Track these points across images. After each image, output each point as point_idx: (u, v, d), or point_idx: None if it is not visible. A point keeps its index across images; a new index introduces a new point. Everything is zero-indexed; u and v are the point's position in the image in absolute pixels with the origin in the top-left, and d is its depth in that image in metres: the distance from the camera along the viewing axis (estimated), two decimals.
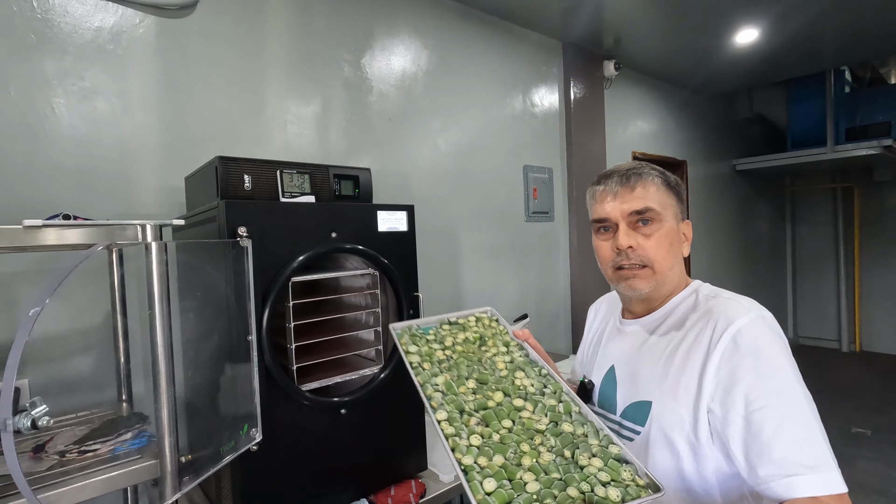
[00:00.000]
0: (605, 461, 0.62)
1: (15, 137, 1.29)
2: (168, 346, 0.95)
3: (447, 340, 0.87)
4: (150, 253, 0.93)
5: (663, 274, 0.87)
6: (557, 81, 2.89)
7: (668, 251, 0.87)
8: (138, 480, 0.97)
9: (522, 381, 0.79)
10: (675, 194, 0.90)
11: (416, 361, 0.81)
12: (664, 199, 0.88)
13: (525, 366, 0.84)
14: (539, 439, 0.65)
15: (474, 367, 0.81)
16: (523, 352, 0.88)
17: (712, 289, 0.90)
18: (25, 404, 0.88)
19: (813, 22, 2.84)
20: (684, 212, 0.92)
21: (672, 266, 0.88)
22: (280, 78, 1.79)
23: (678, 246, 0.90)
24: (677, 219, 0.90)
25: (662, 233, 0.87)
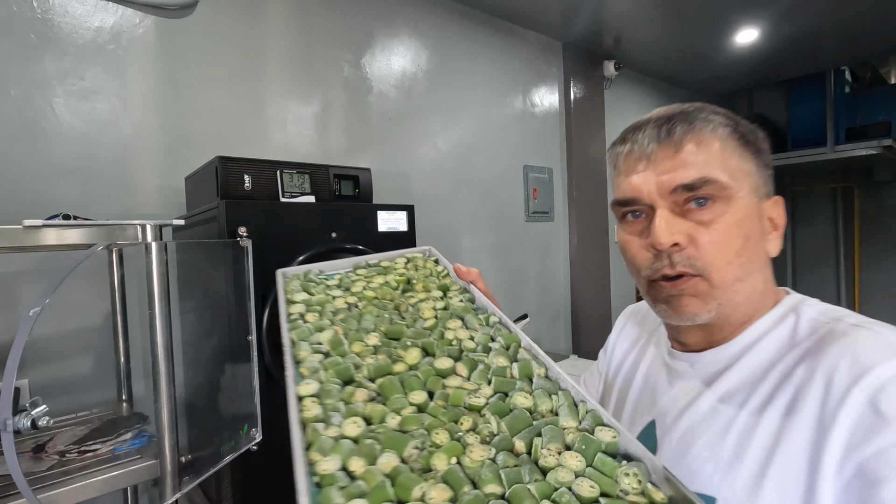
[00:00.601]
0: (590, 457, 0.35)
1: (15, 137, 1.29)
2: (168, 346, 0.95)
3: (356, 286, 0.63)
4: (150, 253, 0.93)
5: (729, 288, 0.53)
6: (557, 81, 2.89)
7: (740, 251, 0.52)
8: (138, 480, 0.97)
9: (457, 332, 0.51)
10: (754, 154, 0.55)
11: (299, 312, 0.56)
12: (735, 163, 0.53)
13: (466, 312, 0.55)
14: (469, 423, 0.39)
15: (386, 317, 0.56)
16: (467, 295, 0.61)
17: (824, 309, 0.54)
18: (25, 404, 0.88)
19: (813, 22, 2.84)
20: (770, 184, 0.57)
21: (747, 274, 0.53)
22: (280, 78, 1.79)
23: (760, 241, 0.54)
24: (758, 195, 0.54)
25: (732, 220, 0.52)
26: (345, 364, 0.46)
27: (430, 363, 0.47)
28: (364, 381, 0.44)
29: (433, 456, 0.35)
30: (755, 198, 0.54)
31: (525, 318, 2.28)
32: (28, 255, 1.26)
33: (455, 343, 0.50)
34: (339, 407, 0.40)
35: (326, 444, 0.36)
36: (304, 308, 0.58)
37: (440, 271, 0.67)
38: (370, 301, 0.60)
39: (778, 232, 0.57)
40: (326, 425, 0.38)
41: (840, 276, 5.53)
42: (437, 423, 0.39)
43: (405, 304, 0.59)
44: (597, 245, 3.05)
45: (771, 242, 0.56)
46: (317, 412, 0.39)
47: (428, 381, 0.44)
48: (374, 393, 0.43)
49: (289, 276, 0.66)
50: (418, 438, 0.37)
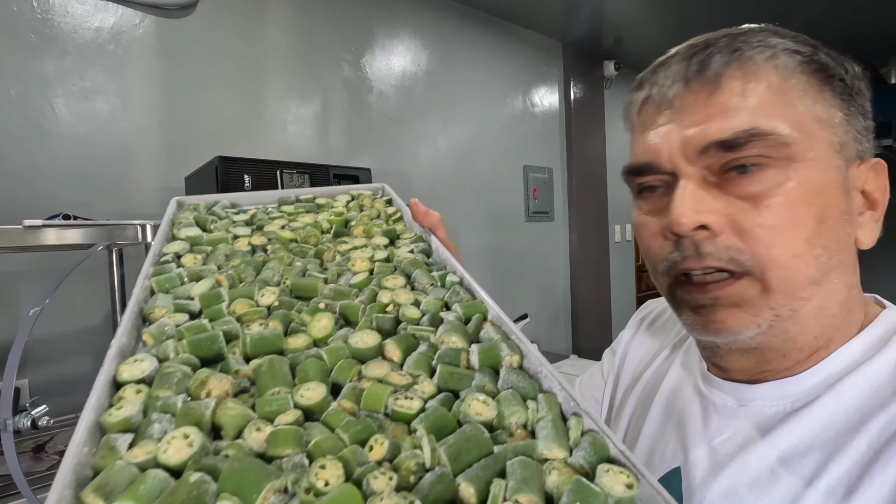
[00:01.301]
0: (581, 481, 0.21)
1: (15, 137, 1.29)
2: None
3: (273, 224, 0.47)
4: None
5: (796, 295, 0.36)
6: (557, 81, 2.89)
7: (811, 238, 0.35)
8: None
9: (396, 294, 0.36)
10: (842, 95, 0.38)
11: (175, 252, 0.40)
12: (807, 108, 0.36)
13: (415, 267, 0.40)
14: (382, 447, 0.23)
15: (299, 266, 0.40)
16: (422, 245, 0.46)
17: None
18: (25, 404, 0.88)
19: (813, 22, 2.84)
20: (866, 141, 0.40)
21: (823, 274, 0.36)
22: (280, 78, 1.79)
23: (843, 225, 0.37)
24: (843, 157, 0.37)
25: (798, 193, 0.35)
26: (213, 333, 0.29)
27: (345, 338, 0.31)
28: (234, 362, 0.28)
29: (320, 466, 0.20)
30: (839, 160, 0.36)
31: (525, 318, 2.28)
32: (28, 255, 1.26)
33: (391, 310, 0.34)
34: (175, 405, 0.24)
35: (118, 478, 0.20)
36: (186, 247, 0.41)
37: (391, 213, 0.51)
38: (285, 245, 0.43)
39: (876, 212, 0.38)
40: (139, 438, 0.22)
41: None
42: (329, 443, 0.23)
43: (332, 252, 0.42)
44: (597, 245, 3.06)
45: (863, 227, 0.37)
46: (129, 412, 0.23)
47: (336, 367, 0.28)
48: (247, 382, 0.27)
49: (184, 205, 0.48)
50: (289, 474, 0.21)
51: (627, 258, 3.41)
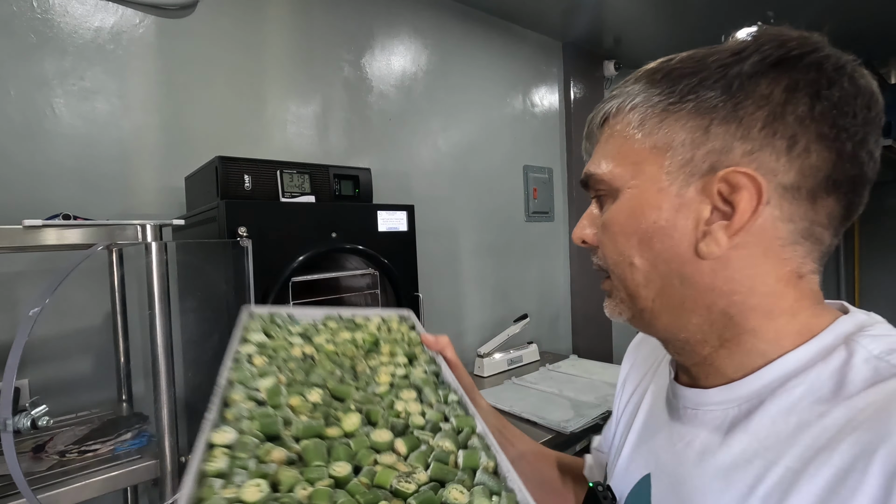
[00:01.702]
0: None
1: (15, 137, 1.29)
2: (168, 346, 0.95)
3: (320, 337, 0.59)
4: (150, 253, 0.93)
5: (639, 296, 0.43)
6: (557, 81, 2.89)
7: (637, 255, 0.42)
8: (138, 480, 0.97)
9: (409, 404, 0.47)
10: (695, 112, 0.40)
11: (248, 353, 0.53)
12: (649, 138, 0.42)
13: (425, 385, 0.51)
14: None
15: (339, 374, 0.51)
16: (432, 367, 0.56)
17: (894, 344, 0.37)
18: (25, 404, 0.88)
19: (813, 22, 2.84)
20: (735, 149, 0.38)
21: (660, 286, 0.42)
22: (280, 78, 1.79)
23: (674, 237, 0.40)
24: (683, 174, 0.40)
25: (619, 217, 0.43)
26: (273, 417, 0.40)
27: (368, 433, 0.41)
28: (288, 440, 0.39)
29: None
30: (667, 182, 0.40)
31: (525, 318, 2.28)
32: (28, 255, 1.26)
33: (403, 416, 0.45)
34: (250, 465, 0.35)
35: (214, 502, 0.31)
36: (255, 350, 0.54)
37: (413, 338, 0.62)
38: (328, 355, 0.55)
39: (731, 222, 0.38)
40: (227, 483, 0.33)
41: (840, 276, 5.53)
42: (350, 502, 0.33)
43: (363, 365, 0.53)
44: None
45: (707, 237, 0.39)
46: (221, 466, 0.34)
47: (359, 453, 0.38)
48: (296, 456, 0.37)
49: (253, 315, 0.64)
50: None
51: None
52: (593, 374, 2.02)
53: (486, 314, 2.46)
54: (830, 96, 0.37)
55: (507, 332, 2.23)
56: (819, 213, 0.39)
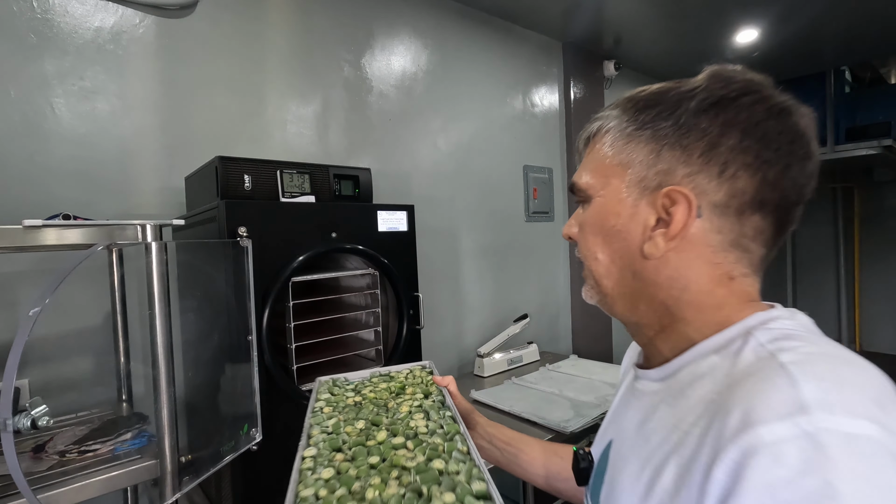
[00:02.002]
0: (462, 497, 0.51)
1: (15, 137, 1.29)
2: (168, 346, 0.95)
3: (366, 390, 0.86)
4: (150, 253, 0.93)
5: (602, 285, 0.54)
6: (557, 81, 2.89)
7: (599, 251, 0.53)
8: (138, 480, 0.97)
9: (418, 421, 0.71)
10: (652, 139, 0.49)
11: (321, 406, 0.80)
12: (617, 157, 0.51)
13: (432, 409, 0.74)
14: (395, 474, 0.57)
15: (376, 410, 0.77)
16: (440, 398, 0.80)
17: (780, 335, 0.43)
18: (25, 404, 0.88)
19: (813, 22, 2.84)
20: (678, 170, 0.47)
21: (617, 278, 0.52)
22: (280, 78, 1.79)
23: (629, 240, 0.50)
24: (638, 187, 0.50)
25: (590, 220, 0.54)
26: (337, 439, 0.67)
27: (391, 440, 0.66)
28: (345, 449, 0.64)
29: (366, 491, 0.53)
30: (626, 193, 0.50)
31: (525, 318, 2.28)
32: (28, 255, 1.26)
33: (412, 429, 0.69)
34: (324, 462, 0.60)
35: (308, 481, 0.56)
36: (325, 404, 0.81)
37: (429, 380, 0.88)
38: (370, 400, 0.82)
39: (665, 229, 0.47)
40: (313, 471, 0.58)
41: (840, 276, 5.53)
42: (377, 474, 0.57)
43: (393, 403, 0.80)
44: None
45: (650, 241, 0.48)
46: (309, 465, 0.60)
47: (384, 451, 0.63)
48: (350, 456, 0.62)
49: (323, 382, 0.91)
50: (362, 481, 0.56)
51: None
52: (593, 374, 2.02)
53: (486, 314, 2.46)
54: (756, 133, 0.45)
55: (507, 332, 2.23)
56: (746, 227, 0.47)
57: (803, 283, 5.86)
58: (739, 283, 0.48)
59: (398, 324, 1.37)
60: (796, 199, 0.47)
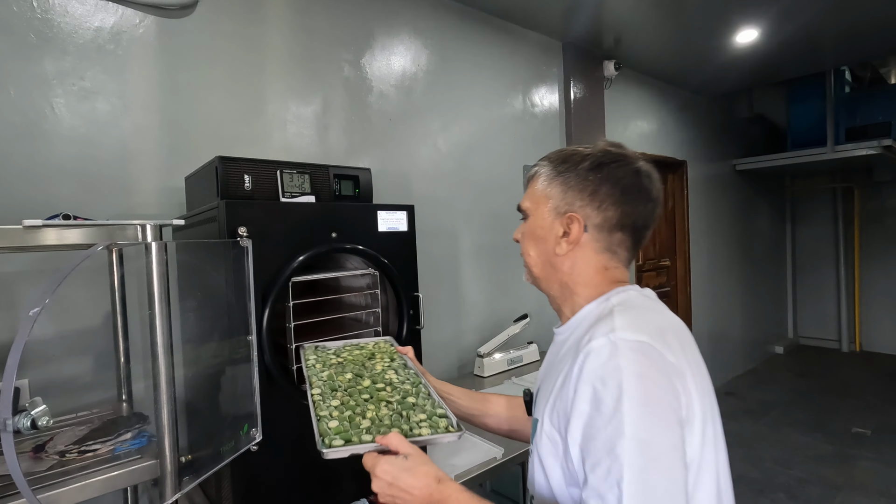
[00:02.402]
0: (430, 417, 0.80)
1: (15, 137, 1.29)
2: (168, 346, 0.95)
3: (343, 353, 1.08)
4: (150, 253, 0.93)
5: (534, 273, 0.83)
6: (557, 81, 2.89)
7: (531, 250, 0.82)
8: (138, 480, 0.98)
9: (391, 375, 0.96)
10: (561, 185, 0.77)
11: (312, 363, 1.02)
12: (544, 191, 0.79)
13: (399, 368, 1.01)
14: (383, 405, 0.83)
15: (358, 368, 0.99)
16: (403, 361, 1.05)
17: (622, 301, 0.72)
18: (25, 404, 0.88)
19: (813, 22, 2.84)
20: (575, 204, 0.76)
21: (542, 267, 0.81)
22: (280, 78, 1.79)
23: (548, 243, 0.78)
24: (555, 212, 0.78)
25: (527, 230, 0.83)
26: (334, 383, 0.91)
27: (374, 385, 0.92)
28: (341, 390, 0.89)
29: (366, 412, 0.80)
30: (549, 215, 0.79)
31: (525, 318, 2.27)
32: (28, 255, 1.26)
33: (388, 379, 0.95)
34: (328, 397, 0.86)
35: (322, 407, 0.82)
36: (315, 361, 1.03)
37: (391, 350, 1.11)
38: (350, 361, 1.04)
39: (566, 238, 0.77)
40: (324, 402, 0.84)
41: (840, 276, 5.53)
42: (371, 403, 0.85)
43: (368, 364, 1.03)
44: None
45: (558, 246, 0.78)
46: (318, 398, 0.85)
47: (371, 391, 0.89)
48: (347, 395, 0.87)
49: (307, 347, 1.11)
50: (361, 407, 0.82)
51: None
52: None
53: (486, 314, 2.46)
54: (620, 185, 0.75)
55: (507, 332, 2.23)
56: (614, 239, 0.77)
57: (803, 283, 5.86)
58: (611, 272, 0.78)
59: (398, 324, 1.37)
60: (644, 225, 0.77)
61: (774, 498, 2.67)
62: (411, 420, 0.78)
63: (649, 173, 0.77)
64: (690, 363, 0.66)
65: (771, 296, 5.43)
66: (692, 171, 4.07)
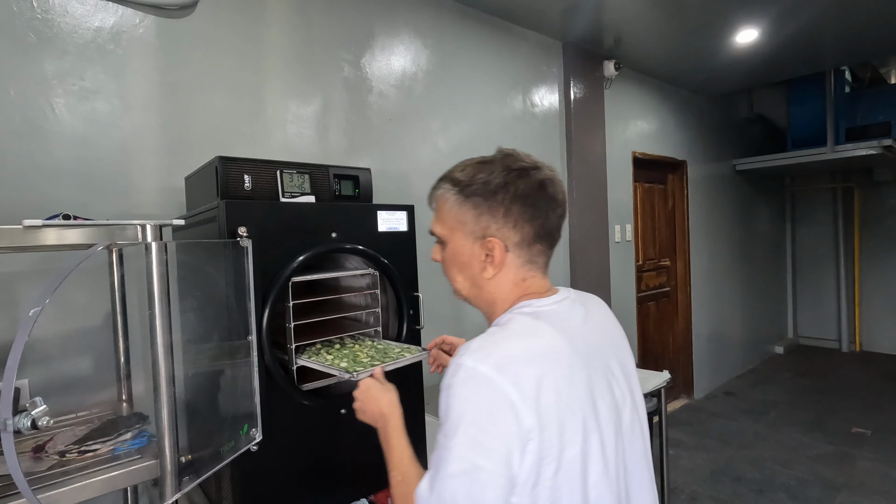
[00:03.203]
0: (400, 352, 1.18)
1: (15, 137, 1.29)
2: (168, 346, 0.95)
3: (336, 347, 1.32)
4: (150, 253, 0.93)
5: (463, 294, 0.84)
6: (557, 81, 2.89)
7: (458, 276, 0.82)
8: (138, 480, 0.98)
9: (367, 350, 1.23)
10: (473, 207, 0.77)
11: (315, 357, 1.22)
12: (456, 217, 0.79)
13: (371, 348, 1.26)
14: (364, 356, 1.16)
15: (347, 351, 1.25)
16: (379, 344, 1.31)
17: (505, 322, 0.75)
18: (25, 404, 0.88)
19: (813, 22, 2.84)
20: (491, 227, 0.76)
21: (470, 288, 0.82)
22: (280, 78, 1.79)
23: (475, 269, 0.79)
24: (472, 237, 0.78)
25: (447, 256, 0.82)
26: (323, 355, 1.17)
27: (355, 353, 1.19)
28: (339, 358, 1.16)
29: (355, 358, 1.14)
30: (466, 240, 0.79)
31: None
32: (28, 255, 1.26)
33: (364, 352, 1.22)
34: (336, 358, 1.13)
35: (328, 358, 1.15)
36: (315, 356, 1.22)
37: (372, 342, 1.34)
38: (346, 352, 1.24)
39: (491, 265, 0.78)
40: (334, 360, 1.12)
41: (840, 275, 5.53)
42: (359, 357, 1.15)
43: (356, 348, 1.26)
44: (597, 245, 3.05)
45: (484, 272, 0.79)
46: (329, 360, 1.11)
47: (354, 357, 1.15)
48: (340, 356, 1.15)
49: None
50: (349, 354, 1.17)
51: (627, 258, 3.41)
52: None
53: None
54: (528, 202, 0.76)
55: None
56: (533, 251, 0.79)
57: (803, 283, 5.86)
58: (528, 283, 0.80)
59: (398, 324, 1.37)
60: (556, 228, 0.80)
61: (774, 498, 2.67)
62: (387, 357, 1.15)
63: (552, 179, 0.79)
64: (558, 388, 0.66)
65: (771, 296, 5.43)
66: (692, 171, 4.07)
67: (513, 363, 0.65)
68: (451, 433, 0.62)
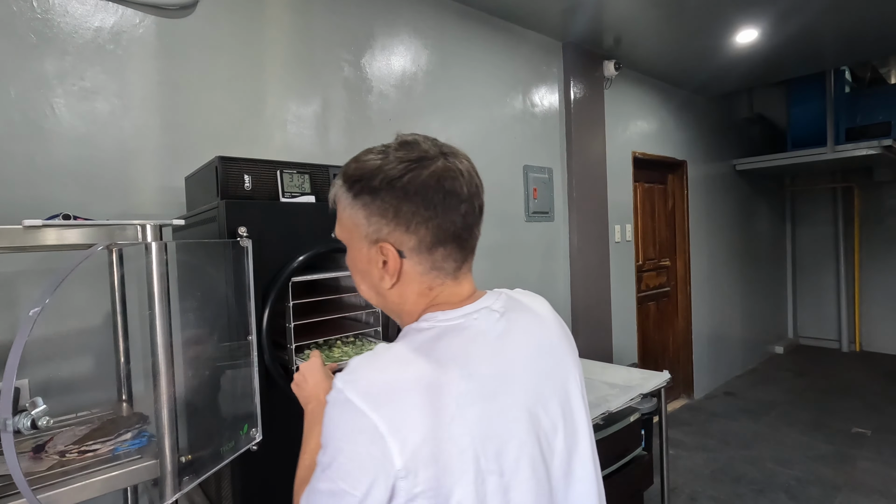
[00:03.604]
0: None
1: (15, 137, 1.29)
2: (168, 346, 0.95)
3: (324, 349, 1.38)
4: (150, 253, 0.93)
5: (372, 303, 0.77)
6: (557, 81, 2.89)
7: (360, 283, 0.73)
8: (138, 480, 0.98)
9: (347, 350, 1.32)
10: (363, 207, 0.66)
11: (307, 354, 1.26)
12: (350, 218, 0.68)
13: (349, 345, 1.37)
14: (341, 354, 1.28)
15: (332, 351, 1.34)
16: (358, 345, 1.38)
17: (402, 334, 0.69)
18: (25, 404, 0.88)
19: (813, 22, 2.84)
20: (383, 230, 0.65)
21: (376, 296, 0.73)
22: (280, 78, 1.79)
23: (373, 276, 0.69)
24: (367, 241, 0.67)
25: (349, 262, 0.73)
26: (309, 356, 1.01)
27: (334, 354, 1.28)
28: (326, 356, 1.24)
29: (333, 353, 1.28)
30: (362, 243, 0.69)
31: None
32: (28, 255, 1.26)
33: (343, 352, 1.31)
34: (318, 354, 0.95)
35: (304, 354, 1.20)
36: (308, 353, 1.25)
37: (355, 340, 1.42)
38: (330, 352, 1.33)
39: (386, 270, 0.67)
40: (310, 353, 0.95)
41: (840, 275, 5.53)
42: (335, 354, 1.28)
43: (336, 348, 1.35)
44: (597, 245, 3.06)
45: (383, 280, 0.68)
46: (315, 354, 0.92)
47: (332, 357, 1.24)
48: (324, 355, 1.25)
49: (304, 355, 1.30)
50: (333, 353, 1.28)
51: (627, 258, 3.41)
52: (593, 374, 2.02)
53: None
54: (418, 197, 0.63)
55: None
56: (436, 257, 0.66)
57: (803, 283, 5.86)
58: (434, 292, 0.69)
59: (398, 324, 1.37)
60: (464, 227, 0.67)
61: (774, 498, 2.67)
62: None
63: (451, 169, 0.66)
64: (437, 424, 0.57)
65: (771, 296, 5.43)
66: (692, 171, 4.07)
67: (383, 394, 0.58)
68: (323, 450, 0.59)
